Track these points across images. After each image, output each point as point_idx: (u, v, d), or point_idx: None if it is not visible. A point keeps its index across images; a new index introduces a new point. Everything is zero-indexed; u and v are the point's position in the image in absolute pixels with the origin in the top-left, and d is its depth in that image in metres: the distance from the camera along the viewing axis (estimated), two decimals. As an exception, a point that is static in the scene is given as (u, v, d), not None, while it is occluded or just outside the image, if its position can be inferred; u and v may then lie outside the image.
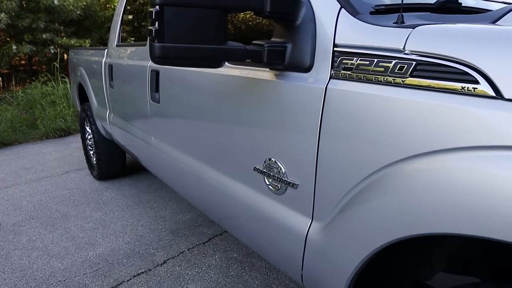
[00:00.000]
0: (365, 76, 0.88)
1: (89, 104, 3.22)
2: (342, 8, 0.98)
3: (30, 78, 7.77)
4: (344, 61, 0.93)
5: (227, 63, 1.33)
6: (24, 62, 8.45)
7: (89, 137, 3.41)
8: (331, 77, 0.97)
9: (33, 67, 8.31)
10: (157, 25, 0.95)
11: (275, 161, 1.16)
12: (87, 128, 3.42)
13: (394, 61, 0.83)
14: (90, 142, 3.40)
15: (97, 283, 1.94)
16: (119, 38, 2.64)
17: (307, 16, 1.03)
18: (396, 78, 0.82)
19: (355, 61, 0.91)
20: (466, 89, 0.71)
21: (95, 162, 3.35)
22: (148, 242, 2.33)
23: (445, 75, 0.75)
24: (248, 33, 1.49)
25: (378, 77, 0.85)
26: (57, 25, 7.69)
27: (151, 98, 1.94)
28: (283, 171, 1.13)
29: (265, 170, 1.20)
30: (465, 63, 0.72)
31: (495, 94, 0.68)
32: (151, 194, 3.08)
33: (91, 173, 3.50)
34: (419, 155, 0.78)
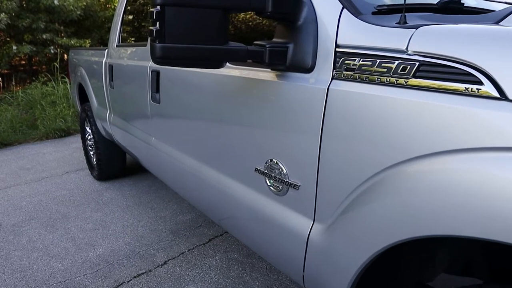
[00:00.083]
0: (367, 76, 0.88)
1: (89, 104, 3.22)
2: (344, 9, 0.98)
3: (30, 78, 7.77)
4: (346, 62, 0.93)
5: (228, 63, 1.32)
6: (24, 62, 8.45)
7: (89, 137, 3.41)
8: (333, 78, 0.96)
9: (33, 67, 8.31)
10: (158, 26, 0.94)
11: (276, 162, 1.15)
12: (87, 129, 3.41)
13: (397, 62, 0.82)
14: (90, 143, 3.40)
15: (97, 284, 1.94)
16: (119, 38, 2.63)
17: (309, 17, 1.03)
18: (399, 79, 0.82)
19: (357, 61, 0.90)
20: (470, 90, 0.71)
21: (95, 163, 3.34)
22: (148, 243, 2.33)
23: (448, 76, 0.74)
24: (249, 34, 1.49)
25: (380, 77, 0.85)
26: (57, 25, 7.69)
27: (151, 98, 1.94)
28: (285, 172, 1.13)
29: (266, 171, 1.20)
30: (468, 63, 0.71)
31: (499, 95, 0.67)
32: (152, 194, 3.08)
33: (91, 174, 3.49)
34: (421, 156, 0.78)
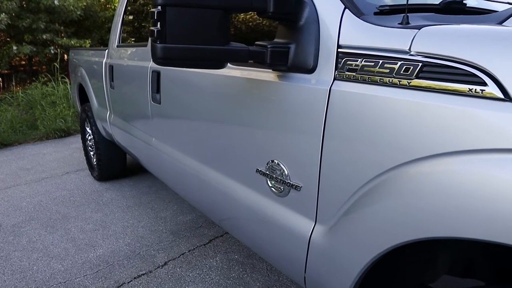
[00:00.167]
0: (369, 77, 0.87)
1: (90, 104, 3.22)
2: (346, 9, 0.97)
3: (30, 78, 7.76)
4: (349, 62, 0.92)
5: (230, 64, 1.32)
6: (24, 62, 8.44)
7: (89, 137, 3.40)
8: (335, 79, 0.96)
9: (33, 68, 8.30)
10: (159, 26, 0.94)
11: (278, 163, 1.15)
12: (88, 129, 3.41)
13: (399, 63, 0.82)
14: (91, 143, 3.39)
15: (97, 284, 1.93)
16: (119, 38, 2.63)
17: (311, 17, 1.02)
18: (401, 80, 0.81)
19: (359, 62, 0.90)
20: (474, 91, 0.70)
21: (95, 163, 3.34)
22: (148, 244, 2.32)
23: (452, 76, 0.74)
24: (250, 34, 1.48)
25: (383, 78, 0.84)
26: (57, 25, 7.68)
27: (152, 99, 1.93)
28: (286, 173, 1.12)
29: (267, 172, 1.19)
30: (472, 64, 0.71)
31: (504, 96, 0.67)
32: (152, 195, 3.07)
33: (92, 174, 3.49)
34: (424, 158, 0.77)
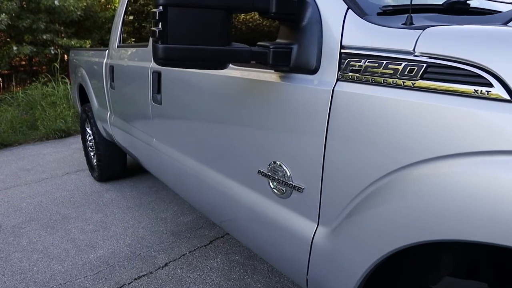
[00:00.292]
0: (373, 78, 0.87)
1: (90, 105, 3.21)
2: (349, 9, 0.97)
3: (30, 79, 7.75)
4: (352, 63, 0.92)
5: (231, 64, 1.31)
6: (25, 62, 8.44)
7: (89, 138, 3.39)
8: (338, 80, 0.95)
9: (34, 68, 8.30)
10: (160, 26, 0.93)
11: (280, 165, 1.14)
12: (88, 129, 3.40)
13: (403, 63, 0.81)
14: (91, 143, 3.38)
15: (98, 286, 1.93)
16: (120, 39, 2.62)
17: (313, 17, 1.01)
18: (406, 81, 0.80)
19: (363, 63, 0.89)
20: (479, 92, 0.69)
21: (95, 164, 3.33)
22: (149, 245, 2.31)
23: (457, 77, 0.73)
24: (250, 34, 1.48)
25: (387, 79, 0.84)
26: (58, 25, 7.67)
27: (152, 99, 1.93)
28: (288, 174, 1.11)
29: (269, 174, 1.19)
30: (478, 65, 0.70)
31: (510, 98, 0.66)
32: (152, 195, 3.06)
33: (92, 175, 3.48)
34: (428, 160, 0.76)
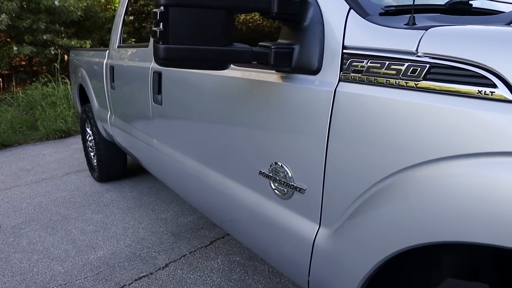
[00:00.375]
0: (376, 79, 0.86)
1: (90, 105, 3.20)
2: (351, 9, 0.96)
3: (30, 79, 7.75)
4: (354, 64, 0.91)
5: (232, 65, 1.31)
6: (25, 63, 8.43)
7: (89, 138, 3.39)
8: (340, 80, 0.95)
9: (34, 68, 8.29)
10: (161, 26, 0.93)
11: (281, 165, 1.14)
12: (88, 130, 3.39)
13: (406, 64, 0.80)
14: (91, 144, 3.38)
15: (98, 287, 1.92)
16: (120, 39, 2.62)
17: (315, 17, 1.01)
18: (408, 81, 0.80)
19: (365, 63, 0.88)
20: (483, 93, 0.69)
21: (95, 164, 3.33)
22: (149, 245, 2.31)
23: (460, 78, 0.72)
24: (252, 34, 1.47)
25: (389, 80, 0.83)
26: (58, 26, 7.67)
27: (153, 100, 1.92)
28: (290, 175, 1.11)
29: (271, 174, 1.18)
30: (482, 66, 0.70)
31: (514, 99, 0.65)
32: (152, 196, 3.06)
33: (92, 175, 3.47)
34: (432, 161, 0.76)
